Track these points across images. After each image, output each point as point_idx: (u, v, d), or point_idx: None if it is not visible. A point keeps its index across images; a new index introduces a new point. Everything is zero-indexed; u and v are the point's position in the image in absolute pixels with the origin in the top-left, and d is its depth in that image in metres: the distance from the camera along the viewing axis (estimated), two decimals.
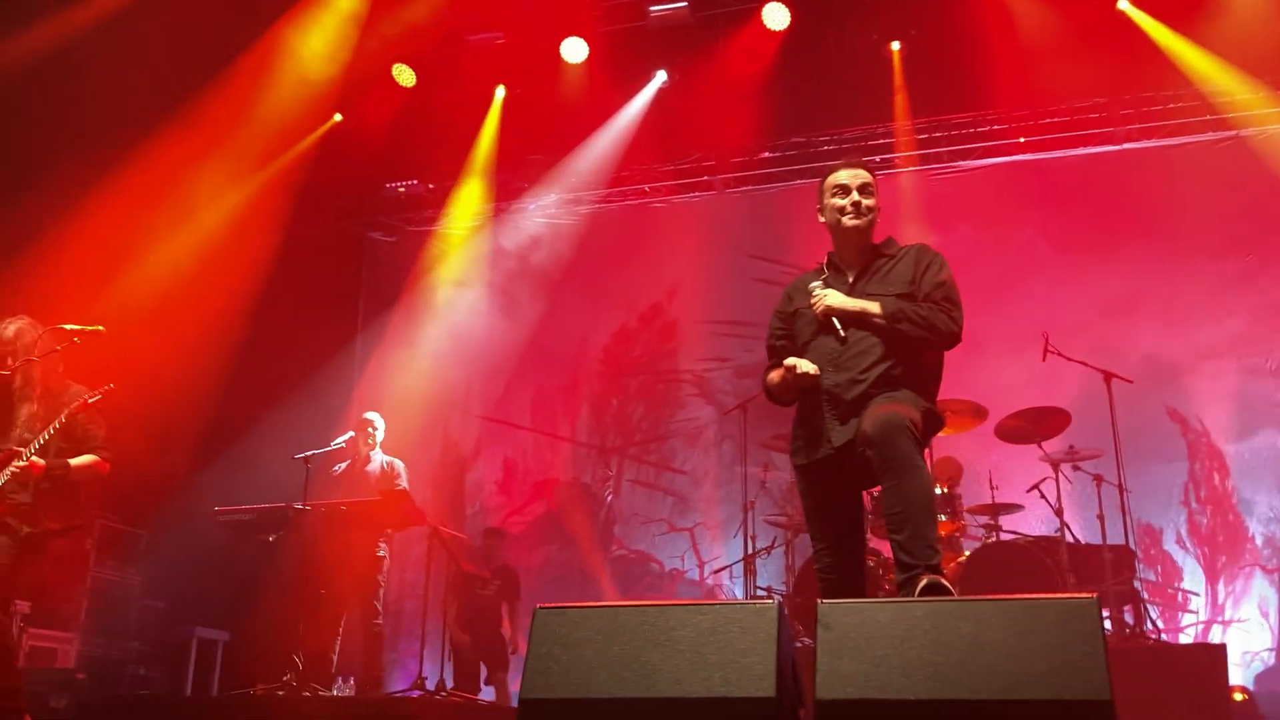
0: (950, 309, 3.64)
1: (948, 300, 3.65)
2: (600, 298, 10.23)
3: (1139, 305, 8.65)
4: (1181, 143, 8.81)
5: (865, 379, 3.60)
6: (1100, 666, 2.47)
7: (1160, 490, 8.26)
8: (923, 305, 3.64)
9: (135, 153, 7.52)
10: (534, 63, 9.29)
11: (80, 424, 4.98)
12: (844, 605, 2.74)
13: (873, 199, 3.82)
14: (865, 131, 9.40)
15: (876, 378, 3.59)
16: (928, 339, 3.61)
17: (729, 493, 9.21)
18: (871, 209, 3.81)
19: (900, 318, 3.60)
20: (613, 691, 2.73)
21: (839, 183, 3.83)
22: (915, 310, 3.62)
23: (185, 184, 7.94)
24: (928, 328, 3.59)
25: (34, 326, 5.02)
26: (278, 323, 8.83)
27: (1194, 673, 5.33)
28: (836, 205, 3.81)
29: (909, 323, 3.59)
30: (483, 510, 10.10)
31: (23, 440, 4.84)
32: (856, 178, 3.81)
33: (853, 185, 3.80)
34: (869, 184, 3.82)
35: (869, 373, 3.60)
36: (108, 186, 7.32)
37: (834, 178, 3.86)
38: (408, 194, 10.62)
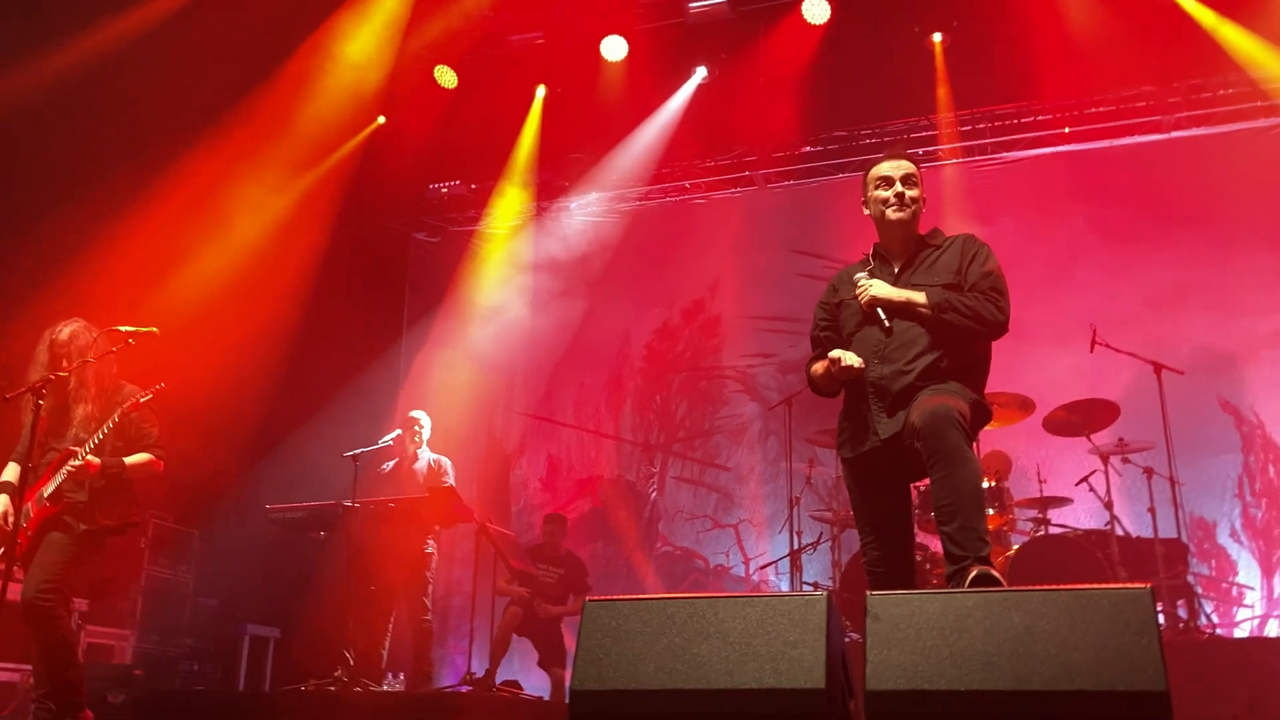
0: (997, 299, 3.62)
1: (994, 290, 3.63)
2: (642, 294, 10.25)
3: (1189, 296, 8.51)
4: (1231, 130, 8.66)
5: (911, 370, 3.58)
6: (1155, 657, 2.44)
7: (1214, 483, 8.12)
8: (969, 295, 3.62)
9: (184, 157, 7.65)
10: (574, 62, 9.32)
11: (134, 423, 5.07)
12: (893, 597, 2.73)
13: (917, 190, 3.81)
14: (908, 125, 9.33)
15: (923, 369, 3.58)
16: (974, 329, 3.59)
17: (774, 489, 9.19)
18: (915, 200, 3.79)
19: (946, 307, 3.58)
20: (662, 683, 2.74)
21: (882, 175, 3.82)
22: (962, 300, 3.60)
23: (233, 187, 8.07)
24: (974, 317, 3.57)
25: (88, 329, 5.12)
26: (325, 323, 8.94)
27: (1250, 667, 5.24)
28: (880, 197, 3.80)
29: (955, 313, 3.57)
30: (527, 507, 10.16)
31: (78, 440, 4.94)
32: (899, 169, 3.80)
33: (896, 176, 3.79)
34: (912, 174, 3.81)
35: (915, 364, 3.59)
36: (157, 190, 7.46)
37: (877, 170, 3.85)
38: (451, 195, 10.70)
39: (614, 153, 9.90)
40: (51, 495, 4.87)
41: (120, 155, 7.22)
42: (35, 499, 4.90)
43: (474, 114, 9.64)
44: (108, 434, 4.95)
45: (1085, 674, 2.46)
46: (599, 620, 2.88)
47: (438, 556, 7.37)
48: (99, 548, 5.01)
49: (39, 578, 4.74)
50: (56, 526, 4.85)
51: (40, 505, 4.88)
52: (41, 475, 4.96)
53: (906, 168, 3.82)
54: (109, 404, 5.05)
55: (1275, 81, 8.32)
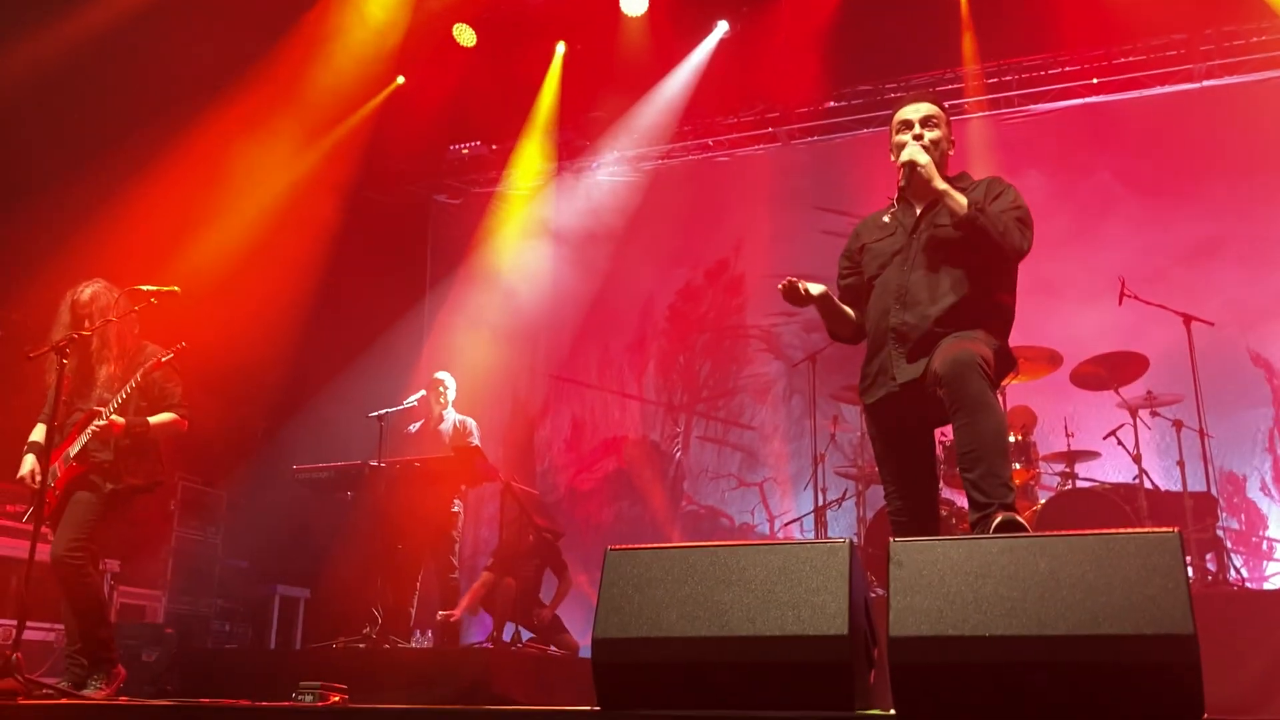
0: (1023, 228, 3.57)
1: (1021, 223, 3.58)
2: (666, 254, 10.19)
3: (1221, 248, 8.37)
4: (1266, 78, 8.47)
5: (932, 314, 3.54)
6: (1183, 600, 2.41)
7: (1244, 437, 8.03)
8: (1000, 214, 3.56)
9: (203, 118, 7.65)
10: (593, 18, 9.22)
11: (157, 382, 5.10)
12: (917, 543, 2.71)
13: (938, 131, 3.74)
14: (933, 77, 9.18)
15: (942, 314, 3.53)
16: (999, 245, 3.51)
17: (799, 447, 9.17)
18: (936, 141, 3.72)
19: (981, 208, 3.52)
20: (684, 630, 2.74)
21: (903, 119, 3.79)
22: (994, 212, 3.54)
23: (253, 148, 8.06)
24: (1002, 231, 3.51)
25: (110, 289, 5.14)
26: (348, 284, 8.96)
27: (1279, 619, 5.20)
28: (900, 141, 3.76)
29: (987, 218, 3.51)
30: (552, 468, 10.19)
31: (102, 400, 4.97)
32: (918, 110, 3.76)
33: (915, 119, 3.75)
34: (932, 116, 3.75)
35: (935, 308, 3.54)
36: (177, 152, 7.47)
37: (899, 114, 3.82)
38: (471, 155, 10.66)
39: (635, 110, 9.83)
40: (78, 455, 4.91)
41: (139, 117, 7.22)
42: (62, 459, 4.95)
43: (493, 73, 9.57)
44: (131, 393, 4.97)
45: (1111, 618, 2.44)
46: (621, 569, 2.88)
47: (464, 516, 7.40)
48: (127, 506, 5.05)
49: (68, 536, 4.79)
50: (83, 486, 4.90)
51: (67, 465, 4.92)
52: (67, 435, 4.99)
53: (925, 109, 3.76)
54: (131, 364, 5.08)
55: None
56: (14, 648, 4.38)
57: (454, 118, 10.02)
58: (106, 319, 5.03)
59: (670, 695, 2.73)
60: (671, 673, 2.75)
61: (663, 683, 2.76)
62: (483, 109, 9.99)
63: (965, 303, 3.54)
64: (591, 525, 9.79)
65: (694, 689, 2.72)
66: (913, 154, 3.63)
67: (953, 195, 3.57)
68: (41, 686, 4.49)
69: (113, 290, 5.14)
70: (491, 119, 10.17)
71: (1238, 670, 5.00)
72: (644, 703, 2.74)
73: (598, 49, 9.43)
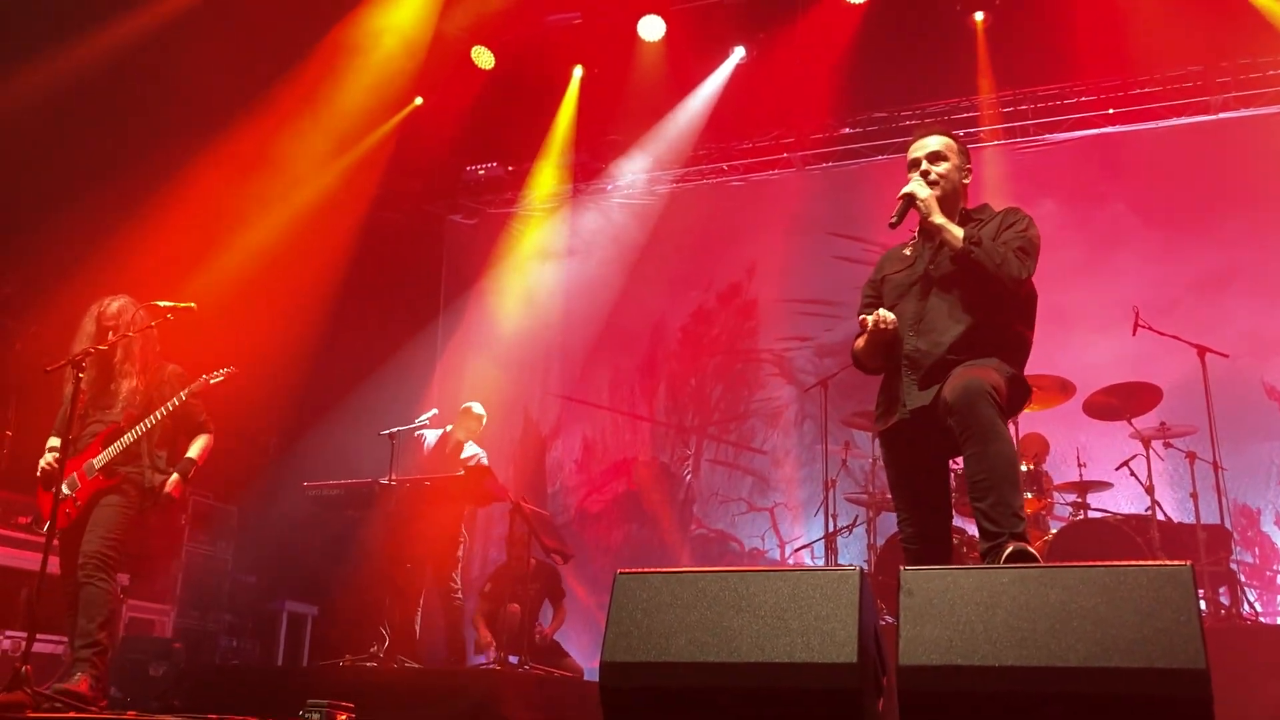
0: (1024, 257, 3.57)
1: (1022, 250, 3.58)
2: (679, 277, 10.22)
3: (1235, 280, 8.36)
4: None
5: (944, 342, 3.55)
6: (1195, 634, 2.40)
7: (1258, 470, 7.99)
8: (999, 245, 3.58)
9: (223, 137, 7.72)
10: (611, 42, 9.29)
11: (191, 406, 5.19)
12: (927, 572, 2.71)
13: (947, 164, 3.76)
14: (949, 106, 9.23)
15: (955, 342, 3.54)
16: (994, 275, 3.52)
17: (810, 473, 9.15)
18: (944, 175, 3.75)
19: (976, 241, 3.55)
20: (693, 655, 2.74)
21: (910, 157, 3.84)
22: (992, 245, 3.56)
23: (270, 168, 8.13)
24: (999, 262, 3.51)
25: (135, 304, 5.20)
26: (362, 303, 9.01)
27: None
28: (911, 178, 3.79)
29: (982, 250, 3.53)
30: (563, 489, 10.18)
31: (131, 417, 5.03)
32: (924, 148, 3.80)
33: (920, 156, 3.79)
34: (939, 151, 3.78)
35: (949, 335, 3.55)
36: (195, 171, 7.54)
37: (909, 153, 3.86)
38: (488, 176, 10.73)
39: (651, 134, 9.88)
40: (104, 468, 4.96)
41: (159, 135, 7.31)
42: (84, 469, 4.99)
43: (511, 95, 9.65)
44: (165, 416, 5.05)
45: (1122, 651, 2.43)
46: (631, 592, 2.88)
47: (469, 537, 7.40)
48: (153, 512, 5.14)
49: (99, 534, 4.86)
50: (112, 493, 4.96)
51: (91, 477, 4.97)
52: (85, 447, 5.03)
53: (930, 145, 3.79)
54: (153, 380, 5.16)
55: None
56: (23, 660, 4.38)
57: (471, 139, 10.08)
58: (130, 333, 5.09)
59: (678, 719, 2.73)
60: (679, 698, 2.74)
61: (670, 708, 2.75)
62: (499, 130, 10.07)
63: (978, 331, 3.55)
64: (601, 547, 9.78)
65: (702, 715, 2.71)
66: (912, 188, 3.68)
67: (948, 229, 3.60)
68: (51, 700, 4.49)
69: (138, 305, 5.20)
70: (508, 140, 10.25)
71: (1249, 705, 4.96)
72: None
73: (615, 73, 9.50)
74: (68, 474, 4.95)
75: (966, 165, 3.85)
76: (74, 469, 4.99)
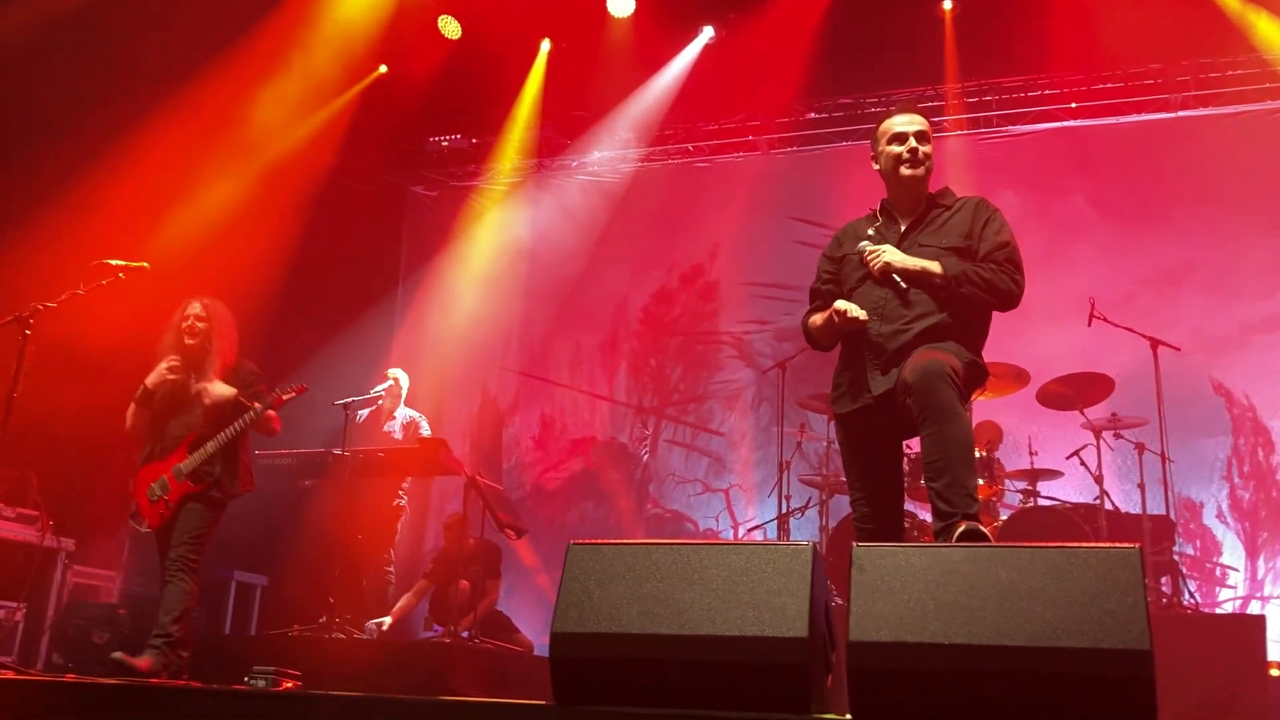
0: (1013, 271, 3.59)
1: (1010, 262, 3.60)
2: (641, 257, 10.19)
3: (1188, 277, 8.48)
4: (1239, 111, 8.59)
5: (910, 329, 3.56)
6: (1141, 616, 2.43)
7: (1202, 464, 8.13)
8: (984, 266, 3.58)
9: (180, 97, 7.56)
10: (580, 16, 9.20)
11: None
12: (879, 549, 2.72)
13: (929, 146, 3.76)
14: (915, 94, 9.23)
15: (922, 329, 3.56)
16: (988, 301, 3.56)
17: (765, 455, 9.19)
18: (929, 156, 3.75)
19: (964, 280, 3.54)
20: (644, 627, 2.73)
21: (895, 130, 3.76)
22: (978, 272, 3.56)
23: (230, 131, 7.99)
24: (989, 290, 3.54)
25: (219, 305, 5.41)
26: (320, 272, 8.90)
27: (1232, 643, 5.27)
28: (893, 153, 3.74)
29: (971, 285, 3.53)
30: (519, 465, 10.15)
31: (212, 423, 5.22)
32: (913, 124, 3.75)
33: (910, 132, 3.73)
34: (925, 132, 3.76)
35: (915, 323, 3.57)
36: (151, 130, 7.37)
37: (889, 124, 3.79)
38: (451, 148, 10.62)
39: (618, 111, 9.82)
40: (191, 474, 5.17)
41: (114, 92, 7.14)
42: (173, 473, 5.18)
43: (477, 67, 9.53)
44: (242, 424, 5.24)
45: (1070, 631, 2.45)
46: (583, 563, 2.87)
47: (408, 511, 7.37)
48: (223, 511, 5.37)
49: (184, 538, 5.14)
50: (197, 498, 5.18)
51: (180, 481, 5.17)
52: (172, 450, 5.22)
53: (920, 124, 3.76)
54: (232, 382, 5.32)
55: None
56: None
57: (435, 110, 9.97)
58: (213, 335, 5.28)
59: (626, 692, 2.72)
60: (629, 669, 2.74)
61: (619, 679, 2.75)
62: (464, 102, 9.96)
63: (943, 318, 3.57)
64: (556, 525, 9.76)
65: (651, 686, 2.71)
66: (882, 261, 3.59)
67: (929, 272, 3.57)
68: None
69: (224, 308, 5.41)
70: (473, 113, 10.14)
71: (1187, 692, 5.06)
72: (600, 698, 2.73)
73: (583, 48, 9.43)
74: (157, 476, 5.20)
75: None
76: (163, 471, 5.21)
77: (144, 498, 5.21)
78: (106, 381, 6.76)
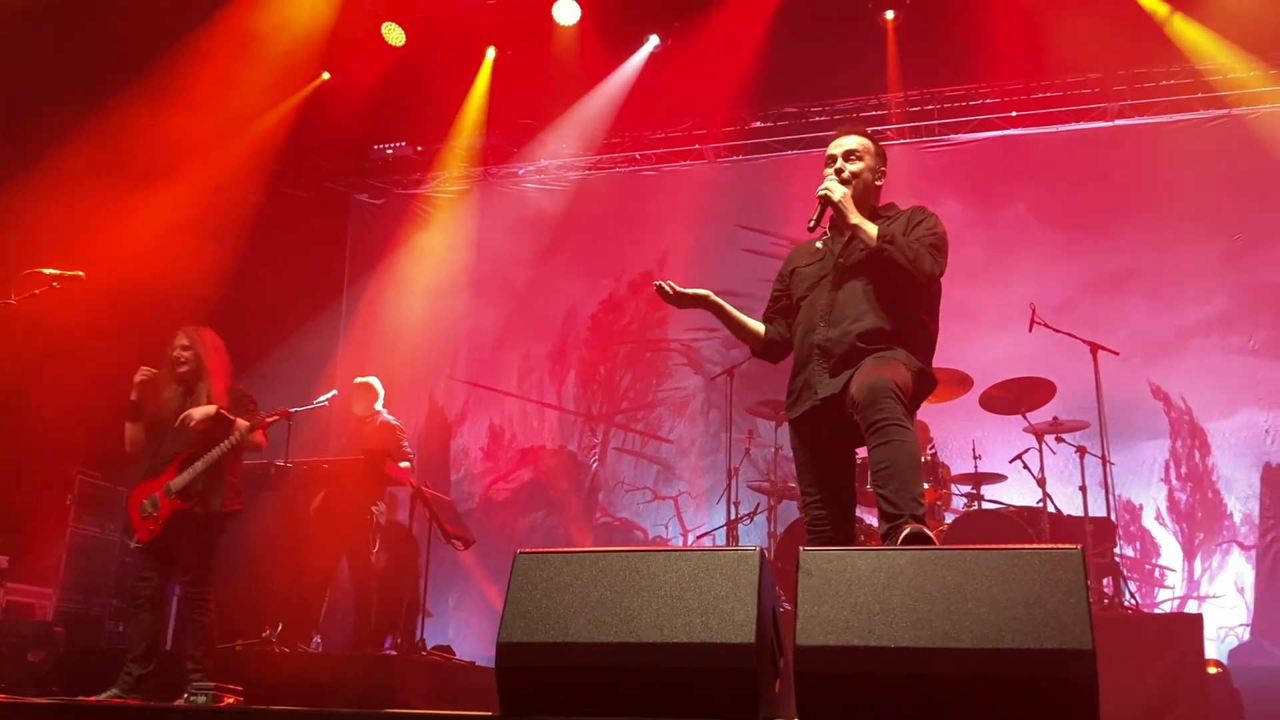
0: (936, 254, 3.70)
1: (934, 246, 3.72)
2: (590, 265, 10.17)
3: (1127, 282, 8.65)
4: (1174, 120, 8.78)
5: (854, 330, 3.64)
6: (1083, 616, 2.46)
7: (1142, 467, 8.29)
8: (912, 242, 3.69)
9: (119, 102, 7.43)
10: (525, 24, 9.17)
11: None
12: (825, 553, 2.73)
13: (860, 164, 3.88)
14: (858, 103, 9.36)
15: (864, 331, 3.63)
16: (908, 270, 3.63)
17: (714, 461, 9.21)
18: (857, 173, 3.86)
19: (890, 239, 3.65)
20: (592, 636, 2.72)
21: (828, 153, 3.95)
22: (905, 241, 3.67)
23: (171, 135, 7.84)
24: (913, 258, 3.63)
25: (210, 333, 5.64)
26: (262, 281, 8.77)
27: (1171, 641, 5.36)
28: (826, 175, 3.88)
29: (896, 248, 3.64)
30: (468, 476, 10.07)
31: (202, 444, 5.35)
32: (841, 145, 3.92)
33: (837, 153, 3.91)
34: (854, 150, 3.89)
35: (857, 325, 3.65)
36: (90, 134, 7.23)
37: (828, 149, 3.96)
38: (396, 156, 10.53)
39: (564, 119, 9.81)
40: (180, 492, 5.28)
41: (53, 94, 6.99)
42: (163, 490, 5.30)
43: (422, 74, 9.45)
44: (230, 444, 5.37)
45: (1014, 632, 2.48)
46: (530, 572, 2.85)
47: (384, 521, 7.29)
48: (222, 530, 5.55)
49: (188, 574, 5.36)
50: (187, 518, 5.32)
51: (169, 499, 5.29)
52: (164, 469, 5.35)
53: (848, 144, 3.90)
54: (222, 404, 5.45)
55: (1217, 74, 8.47)
56: None
57: (379, 117, 9.87)
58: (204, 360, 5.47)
59: (574, 701, 2.71)
60: (576, 678, 2.72)
61: (567, 689, 2.73)
62: (409, 110, 9.87)
63: (887, 321, 3.65)
64: (505, 535, 9.69)
65: (599, 695, 2.69)
66: (826, 188, 3.76)
67: (863, 228, 3.70)
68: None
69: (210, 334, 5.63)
70: (418, 120, 10.06)
71: (1129, 690, 5.14)
72: (547, 709, 2.71)
73: (529, 56, 9.40)
74: (149, 494, 5.36)
75: (881, 167, 3.97)
76: (154, 489, 5.36)
77: (136, 514, 5.37)
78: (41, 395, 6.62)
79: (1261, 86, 8.43)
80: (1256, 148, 8.38)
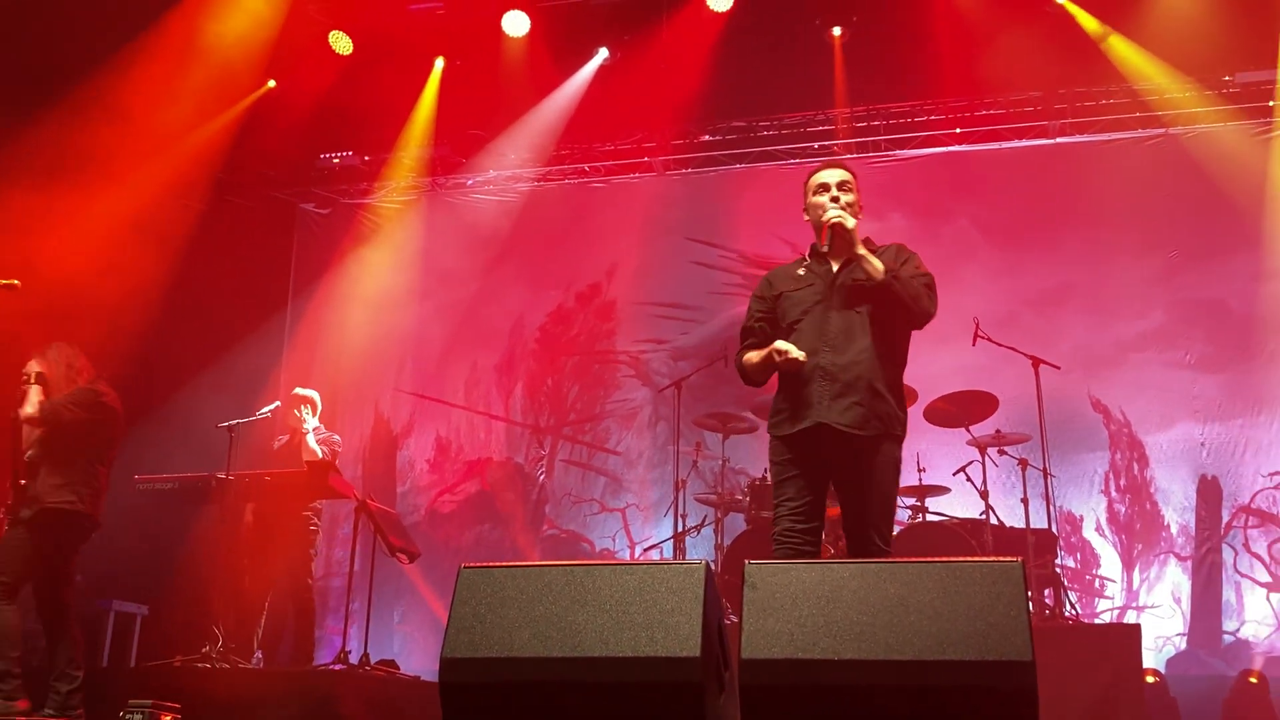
0: (931, 295, 3.99)
1: (929, 289, 3.99)
2: (538, 276, 10.15)
3: (1068, 297, 8.80)
4: (1113, 139, 8.96)
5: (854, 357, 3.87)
6: (1023, 628, 2.50)
7: (1082, 479, 8.42)
8: (911, 280, 3.93)
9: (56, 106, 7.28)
10: (474, 35, 9.12)
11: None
12: (770, 566, 2.74)
13: (852, 195, 4.08)
14: (805, 118, 9.43)
15: (865, 356, 3.87)
16: (909, 308, 3.90)
17: (662, 473, 9.20)
18: (851, 205, 4.04)
19: (897, 277, 3.88)
20: (536, 650, 2.70)
21: (820, 181, 4.11)
22: (907, 279, 3.91)
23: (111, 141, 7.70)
24: (914, 297, 3.89)
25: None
26: (205, 291, 8.64)
27: (1110, 651, 5.46)
28: (818, 203, 4.06)
29: (901, 284, 3.87)
30: (414, 489, 9.98)
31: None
32: (835, 175, 4.11)
33: (832, 183, 4.08)
34: (847, 181, 4.10)
35: (857, 349, 3.88)
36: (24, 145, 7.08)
37: (815, 177, 4.15)
38: (342, 166, 10.43)
39: (513, 130, 9.78)
40: None
41: None
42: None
43: (369, 83, 9.34)
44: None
45: (956, 644, 2.50)
46: (474, 587, 2.83)
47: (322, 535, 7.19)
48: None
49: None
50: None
51: None
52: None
53: (841, 175, 4.11)
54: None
55: (1154, 93, 8.66)
56: None
57: (326, 126, 9.75)
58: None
59: (520, 717, 2.69)
60: (521, 694, 2.70)
61: (512, 704, 2.71)
62: (356, 119, 9.77)
63: (881, 345, 3.91)
64: (451, 548, 9.61)
65: (544, 710, 2.68)
66: (840, 216, 3.92)
67: (869, 260, 3.90)
68: None
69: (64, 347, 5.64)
70: (365, 130, 9.96)
71: (1070, 699, 5.21)
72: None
73: (478, 67, 9.35)
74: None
75: (860, 202, 4.14)
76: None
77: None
78: None
79: (1195, 107, 8.64)
80: (1192, 166, 8.56)
